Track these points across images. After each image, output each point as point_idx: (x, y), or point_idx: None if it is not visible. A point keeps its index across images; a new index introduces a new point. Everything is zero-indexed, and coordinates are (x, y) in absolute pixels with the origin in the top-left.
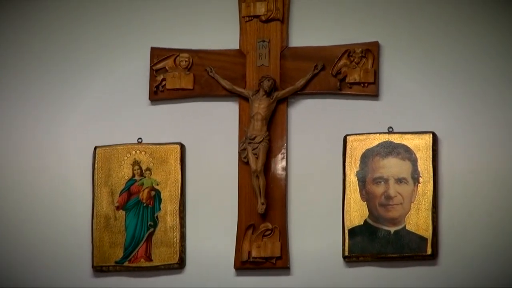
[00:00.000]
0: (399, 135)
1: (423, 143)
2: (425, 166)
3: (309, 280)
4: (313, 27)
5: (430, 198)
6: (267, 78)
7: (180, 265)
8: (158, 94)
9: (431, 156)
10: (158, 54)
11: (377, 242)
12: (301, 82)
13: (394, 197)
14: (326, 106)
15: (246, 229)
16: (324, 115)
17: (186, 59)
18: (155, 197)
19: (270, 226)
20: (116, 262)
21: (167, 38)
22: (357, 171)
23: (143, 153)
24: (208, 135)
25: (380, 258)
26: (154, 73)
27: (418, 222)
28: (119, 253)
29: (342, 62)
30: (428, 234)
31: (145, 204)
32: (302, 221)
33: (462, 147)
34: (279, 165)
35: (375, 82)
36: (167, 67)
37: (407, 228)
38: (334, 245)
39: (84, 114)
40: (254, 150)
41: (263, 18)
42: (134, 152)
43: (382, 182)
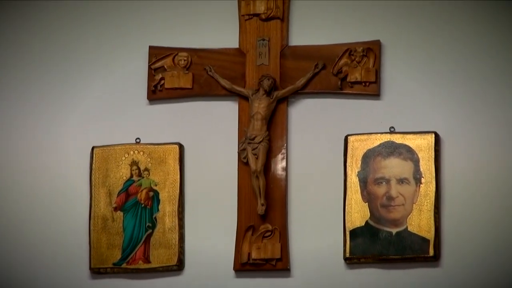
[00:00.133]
0: (401, 135)
1: (425, 143)
2: (427, 166)
3: (309, 282)
4: (313, 26)
5: (433, 199)
6: (267, 77)
7: (179, 267)
8: (157, 94)
9: (433, 156)
10: (156, 53)
11: (378, 243)
12: (301, 81)
13: (396, 197)
14: (326, 105)
15: (245, 230)
16: (324, 115)
17: (185, 58)
18: (154, 198)
19: (270, 227)
20: (114, 264)
21: (166, 37)
22: (358, 172)
23: (141, 153)
24: (207, 135)
25: (381, 259)
26: (152, 72)
27: (420, 223)
28: (117, 254)
29: (343, 61)
30: (430, 235)
31: (143, 205)
32: (302, 222)
33: (465, 147)
34: (279, 165)
35: (377, 81)
36: (166, 66)
37: (409, 229)
38: (335, 246)
39: (82, 114)
40: (254, 150)
41: (263, 17)
42: (132, 152)
43: (384, 183)
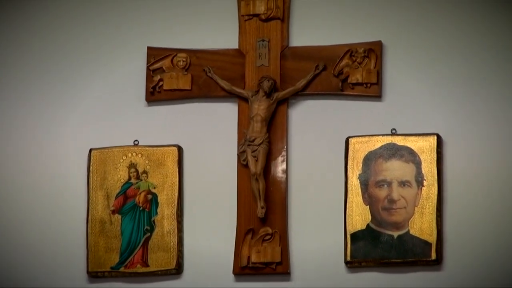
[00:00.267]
0: (403, 137)
1: (427, 145)
2: (429, 168)
3: (310, 286)
4: (314, 26)
5: (435, 201)
6: (267, 78)
7: (177, 270)
8: (155, 95)
9: (436, 158)
10: (155, 54)
11: (380, 247)
12: (302, 83)
13: (398, 200)
14: (327, 107)
15: (245, 233)
16: (325, 117)
17: (184, 59)
18: (152, 200)
19: (270, 230)
20: (111, 268)
21: (164, 38)
22: (359, 174)
23: (140, 155)
24: (206, 137)
25: (383, 263)
26: (151, 73)
27: (422, 226)
28: (115, 258)
29: (344, 62)
30: (432, 238)
31: (141, 208)
32: (303, 225)
33: (467, 150)
34: (279, 168)
35: (378, 82)
36: (164, 67)
37: (411, 232)
38: (336, 250)
39: (80, 115)
40: (253, 152)
41: (263, 17)
42: (130, 154)
43: (385, 185)
